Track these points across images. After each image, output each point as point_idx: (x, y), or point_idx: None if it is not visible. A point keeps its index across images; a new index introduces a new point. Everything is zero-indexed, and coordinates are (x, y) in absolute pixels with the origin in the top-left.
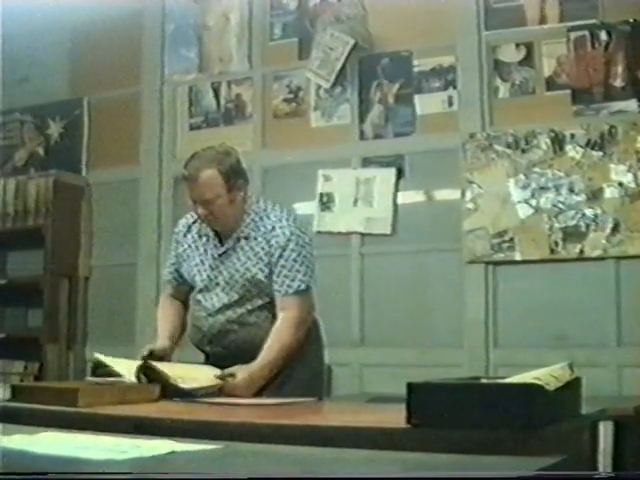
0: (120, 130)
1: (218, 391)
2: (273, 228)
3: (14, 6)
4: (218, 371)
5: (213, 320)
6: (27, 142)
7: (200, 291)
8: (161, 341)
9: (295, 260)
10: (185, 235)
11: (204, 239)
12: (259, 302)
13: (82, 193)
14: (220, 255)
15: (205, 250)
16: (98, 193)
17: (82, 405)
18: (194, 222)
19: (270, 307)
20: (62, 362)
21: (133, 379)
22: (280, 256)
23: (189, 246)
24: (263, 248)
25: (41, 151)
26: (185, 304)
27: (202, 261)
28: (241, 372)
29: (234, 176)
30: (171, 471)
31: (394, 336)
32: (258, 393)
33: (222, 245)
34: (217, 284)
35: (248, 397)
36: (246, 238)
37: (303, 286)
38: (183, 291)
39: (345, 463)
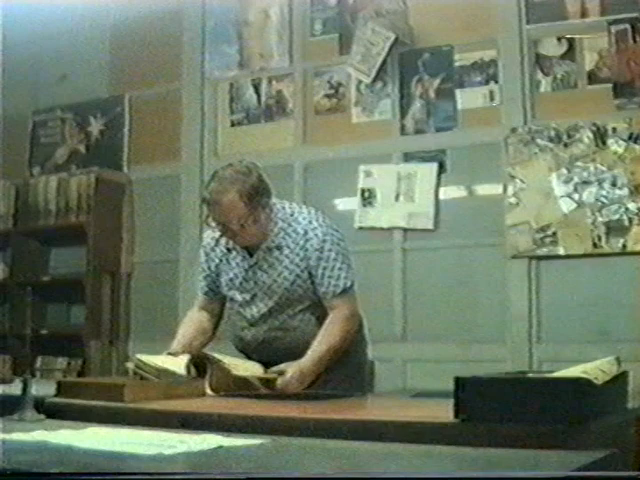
0: (161, 127)
1: (269, 390)
2: (305, 232)
3: (54, 4)
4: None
5: (255, 330)
6: (68, 140)
7: (240, 305)
8: (175, 345)
9: (335, 259)
10: (213, 249)
11: (233, 252)
12: (300, 306)
13: (124, 190)
14: (251, 266)
15: (237, 264)
16: (140, 190)
17: (128, 400)
18: (221, 235)
19: (312, 309)
20: (105, 358)
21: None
22: (319, 258)
23: (220, 260)
24: (298, 254)
25: (82, 148)
26: (215, 314)
27: (236, 275)
28: (291, 368)
29: (256, 196)
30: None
31: (437, 331)
32: (307, 389)
33: (251, 257)
34: (255, 295)
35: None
36: (278, 248)
37: (348, 283)
38: (217, 302)
39: (396, 458)
